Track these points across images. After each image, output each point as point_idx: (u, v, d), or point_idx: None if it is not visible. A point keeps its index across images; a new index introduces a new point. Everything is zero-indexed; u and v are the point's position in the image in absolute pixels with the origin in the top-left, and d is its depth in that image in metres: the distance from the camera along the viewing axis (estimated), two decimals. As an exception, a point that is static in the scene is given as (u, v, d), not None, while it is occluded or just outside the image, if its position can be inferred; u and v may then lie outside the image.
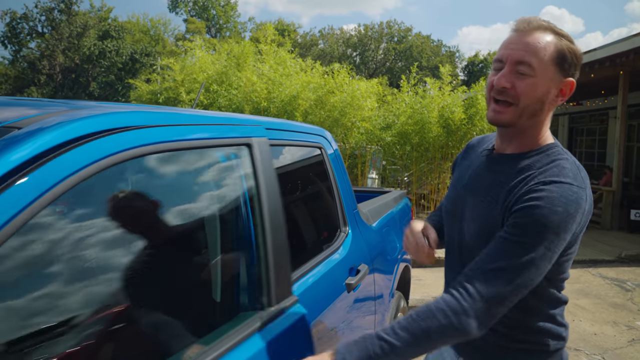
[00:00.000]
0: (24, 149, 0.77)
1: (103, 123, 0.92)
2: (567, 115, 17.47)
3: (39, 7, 27.21)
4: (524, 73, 1.07)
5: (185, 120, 1.18)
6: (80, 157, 0.85)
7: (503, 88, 1.09)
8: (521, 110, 1.09)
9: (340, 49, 39.46)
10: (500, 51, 1.14)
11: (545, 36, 1.09)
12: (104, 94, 29.05)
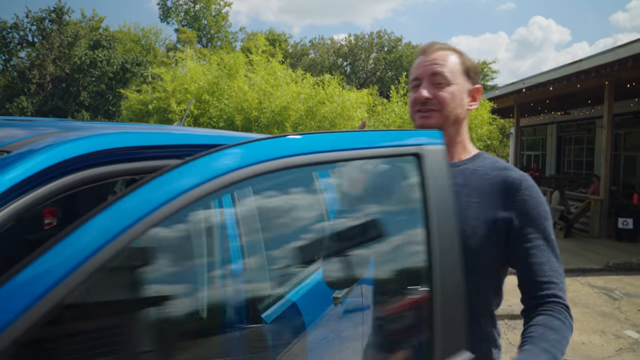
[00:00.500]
0: (12, 172, 0.79)
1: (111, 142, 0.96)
2: (556, 124, 17.70)
3: (30, 17, 27.12)
4: (441, 82, 1.23)
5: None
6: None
7: (426, 99, 1.23)
8: (445, 115, 1.23)
9: (330, 58, 39.74)
10: (414, 72, 1.29)
11: (447, 53, 1.27)
12: (95, 104, 28.92)
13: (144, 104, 11.08)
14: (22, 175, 0.80)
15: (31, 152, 0.84)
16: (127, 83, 28.01)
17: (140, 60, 28.76)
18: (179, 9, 40.17)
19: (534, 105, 14.25)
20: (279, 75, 10.21)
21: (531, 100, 13.25)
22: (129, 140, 1.05)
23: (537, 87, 11.51)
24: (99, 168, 0.97)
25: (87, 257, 0.59)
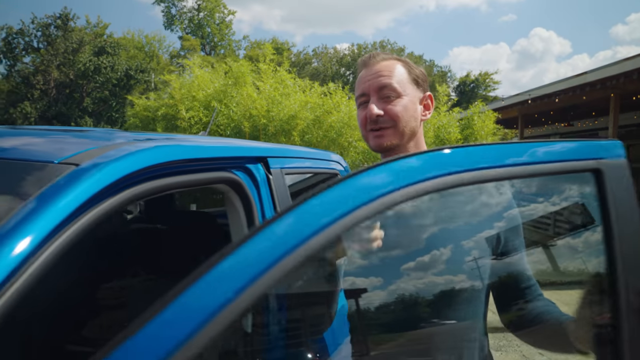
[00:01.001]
0: (86, 184, 0.79)
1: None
2: (558, 136, 17.75)
3: (36, 23, 27.30)
4: (390, 95, 1.14)
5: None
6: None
7: (377, 116, 1.14)
8: (401, 130, 1.14)
9: (333, 67, 39.93)
10: (359, 88, 1.19)
11: (392, 63, 1.18)
12: (98, 110, 29.00)
13: (151, 110, 11.11)
14: (96, 187, 0.80)
15: (100, 164, 0.84)
16: (131, 90, 28.10)
17: (144, 67, 28.88)
18: (183, 16, 40.43)
19: (538, 116, 14.30)
20: (287, 83, 10.27)
21: (535, 111, 13.31)
22: (187, 152, 1.06)
23: (542, 99, 11.56)
24: (159, 180, 0.98)
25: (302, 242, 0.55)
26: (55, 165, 0.83)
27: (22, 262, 0.64)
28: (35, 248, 0.66)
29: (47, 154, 0.87)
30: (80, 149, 0.93)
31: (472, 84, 36.45)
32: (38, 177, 0.79)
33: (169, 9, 40.36)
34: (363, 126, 1.19)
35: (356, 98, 1.22)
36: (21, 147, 0.94)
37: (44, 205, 0.71)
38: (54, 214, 0.70)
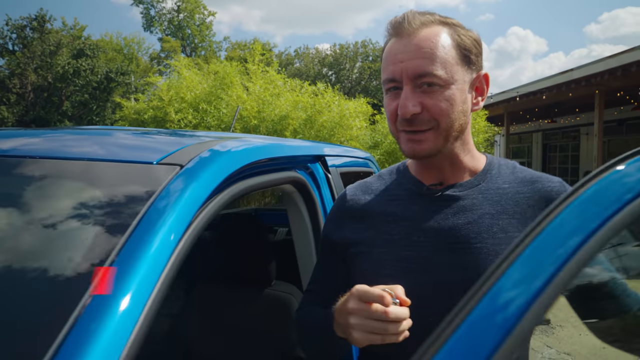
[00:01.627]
0: (201, 183, 0.76)
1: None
2: (541, 132, 18.10)
3: (10, 25, 26.57)
4: (432, 85, 0.83)
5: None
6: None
7: (413, 116, 0.84)
8: (445, 132, 0.86)
9: (315, 68, 39.94)
10: (387, 68, 0.87)
11: (437, 32, 0.86)
12: (78, 114, 28.39)
13: (139, 113, 10.92)
14: (208, 187, 0.77)
15: (206, 163, 0.81)
16: (111, 92, 27.60)
17: (125, 70, 28.40)
18: (163, 18, 39.90)
19: (523, 113, 14.56)
20: (277, 84, 10.22)
21: (521, 108, 13.54)
22: (267, 152, 1.03)
23: (528, 96, 11.77)
24: (246, 181, 0.95)
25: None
26: (155, 166, 0.80)
27: (166, 264, 0.61)
28: (174, 249, 0.63)
29: (143, 155, 0.84)
30: (167, 149, 0.90)
31: (454, 82, 36.78)
32: (146, 178, 0.76)
33: (147, 10, 39.77)
34: (392, 121, 0.90)
35: (383, 81, 0.90)
36: (111, 148, 0.90)
37: (174, 206, 0.68)
38: (183, 214, 0.67)
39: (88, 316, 0.54)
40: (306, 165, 1.28)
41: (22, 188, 0.78)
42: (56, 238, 0.68)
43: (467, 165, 0.94)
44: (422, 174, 0.96)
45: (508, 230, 0.86)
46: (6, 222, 0.72)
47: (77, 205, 0.72)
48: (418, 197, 0.93)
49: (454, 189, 0.92)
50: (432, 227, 0.89)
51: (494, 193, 0.90)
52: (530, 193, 0.90)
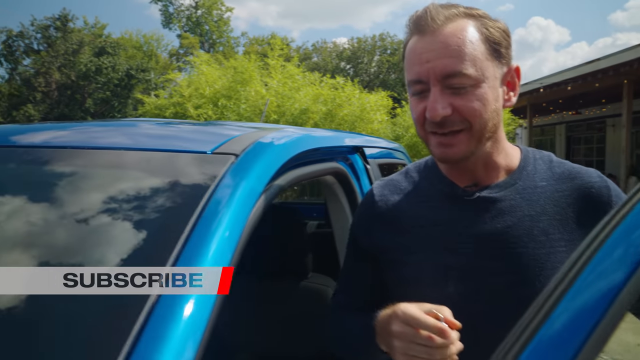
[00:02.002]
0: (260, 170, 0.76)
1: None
2: (565, 124, 17.72)
3: (35, 25, 27.15)
4: (462, 86, 0.78)
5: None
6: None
7: (443, 118, 0.79)
8: (478, 134, 0.81)
9: (333, 62, 39.83)
10: (413, 69, 0.82)
11: (463, 26, 0.80)
12: (100, 110, 28.92)
13: (161, 109, 11.06)
14: (265, 176, 0.77)
15: (260, 153, 0.82)
16: (132, 89, 28.01)
17: (145, 67, 28.78)
18: (181, 14, 40.24)
19: (546, 105, 14.26)
20: (296, 78, 10.23)
21: (544, 100, 13.27)
22: (315, 142, 1.03)
23: (552, 87, 11.52)
24: (295, 170, 0.95)
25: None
26: (210, 155, 0.81)
27: (231, 258, 0.61)
28: (237, 242, 0.63)
29: (196, 145, 0.85)
30: (218, 139, 0.90)
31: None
32: (202, 167, 0.77)
33: (166, 7, 40.15)
34: (420, 125, 0.84)
35: (407, 82, 0.84)
36: (164, 139, 0.91)
37: (233, 197, 0.68)
38: (242, 205, 0.68)
39: (158, 317, 0.54)
40: (346, 157, 1.28)
41: (79, 180, 0.80)
42: (117, 230, 0.69)
43: (501, 164, 0.88)
44: (454, 173, 0.90)
45: (549, 232, 0.82)
46: (65, 215, 0.74)
47: (136, 196, 0.73)
48: (452, 199, 0.88)
49: (490, 190, 0.86)
50: (470, 233, 0.84)
51: (531, 192, 0.85)
52: (569, 191, 0.84)
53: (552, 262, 0.80)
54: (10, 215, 0.73)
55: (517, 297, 0.77)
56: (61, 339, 0.57)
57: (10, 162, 0.84)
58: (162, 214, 0.68)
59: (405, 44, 0.86)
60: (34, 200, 0.78)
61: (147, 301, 0.56)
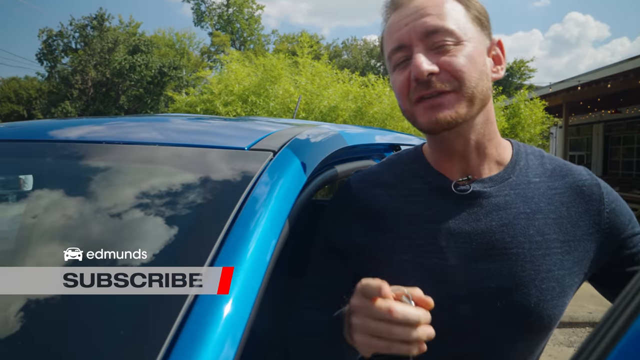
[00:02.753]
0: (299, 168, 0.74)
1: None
2: (602, 124, 17.09)
3: (73, 25, 28.11)
4: (447, 42, 0.73)
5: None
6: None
7: (429, 75, 0.72)
8: (468, 95, 0.74)
9: (364, 59, 39.62)
10: (392, 38, 0.77)
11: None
12: (133, 107, 29.68)
13: (191, 105, 11.24)
14: (305, 173, 0.75)
15: (298, 150, 0.80)
16: (165, 87, 28.63)
17: (177, 64, 29.35)
18: (213, 12, 40.81)
19: (583, 103, 13.77)
20: (324, 75, 10.21)
21: (581, 98, 12.80)
22: (352, 139, 1.01)
23: (590, 85, 11.11)
24: (332, 168, 0.93)
25: None
26: (248, 151, 0.79)
27: (269, 259, 0.59)
28: (279, 236, 0.61)
29: (233, 141, 0.83)
30: (254, 135, 0.89)
31: (507, 72, 35.35)
32: (240, 163, 0.75)
33: (198, 6, 40.80)
34: (404, 96, 0.77)
35: (388, 56, 0.79)
36: (201, 134, 0.90)
37: (272, 194, 0.66)
38: (282, 203, 0.66)
39: (197, 317, 0.53)
40: (382, 154, 1.25)
41: (114, 175, 0.80)
42: (155, 228, 0.68)
43: (494, 154, 0.81)
44: (443, 164, 0.82)
45: (545, 232, 0.76)
46: (103, 211, 0.73)
47: (172, 192, 0.72)
48: (443, 193, 0.79)
49: (483, 184, 0.79)
50: (463, 231, 0.76)
51: (525, 188, 0.79)
52: (562, 189, 0.79)
53: (547, 265, 0.74)
54: (54, 210, 0.73)
55: (508, 304, 0.73)
56: (95, 340, 0.56)
57: (65, 157, 0.85)
58: (199, 211, 0.67)
59: (384, 27, 0.82)
60: (71, 194, 0.78)
61: (185, 301, 0.55)
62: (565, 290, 0.75)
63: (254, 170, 0.71)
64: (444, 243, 0.75)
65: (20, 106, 31.98)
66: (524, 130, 9.43)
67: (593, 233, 0.77)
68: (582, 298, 5.25)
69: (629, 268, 0.79)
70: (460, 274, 0.74)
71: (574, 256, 0.76)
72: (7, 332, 0.57)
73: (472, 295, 0.74)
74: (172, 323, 0.52)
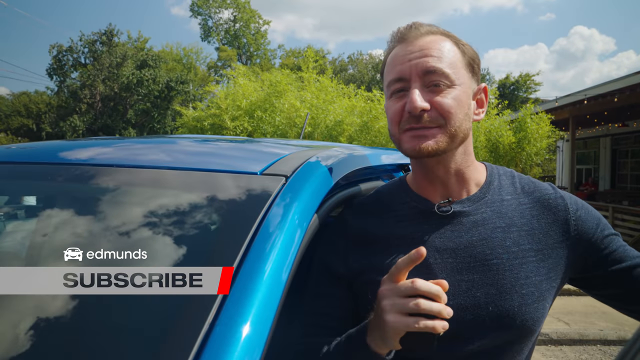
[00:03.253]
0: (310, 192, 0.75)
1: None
2: (610, 137, 17.01)
3: (83, 40, 28.56)
4: (440, 84, 0.84)
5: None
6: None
7: (422, 111, 0.82)
8: (452, 133, 0.84)
9: (369, 73, 39.86)
10: (394, 70, 0.87)
11: (439, 39, 0.88)
12: (141, 121, 29.95)
13: (199, 120, 11.33)
14: (317, 198, 0.76)
15: (310, 175, 0.80)
16: (172, 101, 28.90)
17: (184, 79, 29.66)
18: (220, 28, 41.36)
19: (590, 117, 13.74)
20: (329, 90, 10.27)
21: (588, 112, 12.78)
22: (363, 161, 1.01)
23: (597, 98, 11.09)
24: (344, 190, 0.93)
25: None
26: (260, 176, 0.80)
27: (285, 282, 0.60)
28: (292, 265, 0.62)
29: (245, 165, 0.84)
30: (266, 159, 0.90)
31: (512, 86, 35.53)
32: (252, 188, 0.76)
33: (205, 21, 41.38)
34: (396, 123, 0.87)
35: (387, 84, 0.89)
36: (208, 157, 0.91)
37: (286, 219, 0.67)
38: (295, 227, 0.67)
39: (217, 338, 0.53)
40: (392, 175, 1.25)
41: (129, 199, 0.81)
42: (172, 252, 0.69)
43: (471, 177, 0.91)
44: (426, 190, 0.92)
45: (520, 243, 0.85)
46: (118, 235, 0.74)
47: (186, 217, 0.73)
48: (427, 216, 0.89)
49: (462, 205, 0.89)
50: (447, 247, 0.85)
51: (499, 205, 0.89)
52: (531, 203, 0.89)
53: (525, 272, 0.83)
54: (73, 233, 0.74)
55: (494, 310, 0.81)
56: (126, 341, 0.57)
57: (77, 180, 0.86)
58: (215, 236, 0.68)
59: (387, 54, 0.92)
60: (82, 214, 0.79)
61: (215, 302, 0.56)
62: (543, 294, 0.83)
63: (267, 196, 0.72)
64: (431, 260, 0.84)
65: (30, 120, 32.39)
66: (530, 144, 9.40)
67: (564, 240, 0.86)
68: (593, 315, 5.18)
69: (608, 268, 0.86)
70: (449, 286, 0.79)
71: (549, 263, 0.85)
72: (37, 334, 0.58)
73: (461, 305, 0.82)
74: (192, 345, 0.52)
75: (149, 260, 0.67)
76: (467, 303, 0.82)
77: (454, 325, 0.77)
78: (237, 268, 0.60)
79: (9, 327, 0.60)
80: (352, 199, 0.95)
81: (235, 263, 0.61)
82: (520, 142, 9.49)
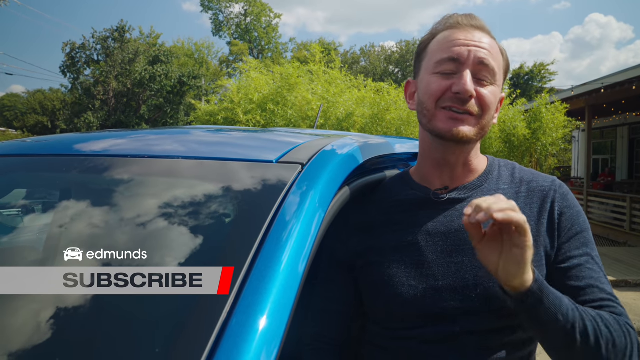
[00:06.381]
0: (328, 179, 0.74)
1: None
2: (627, 126, 16.68)
3: (95, 37, 28.77)
4: (486, 79, 0.87)
5: None
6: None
7: (469, 97, 0.85)
8: (482, 125, 0.88)
9: (382, 65, 39.59)
10: (449, 49, 0.88)
11: (493, 40, 0.91)
12: (154, 117, 30.18)
13: (212, 114, 11.37)
14: (334, 186, 0.75)
15: (326, 163, 0.79)
16: (184, 96, 29.03)
17: (196, 74, 29.76)
18: (231, 22, 41.38)
19: (607, 106, 13.47)
20: (338, 82, 10.22)
21: (605, 101, 12.52)
22: (379, 149, 1.00)
23: (614, 87, 10.86)
24: (360, 180, 0.92)
25: None
26: (276, 164, 0.79)
27: (302, 273, 0.59)
28: (312, 250, 0.61)
29: (260, 154, 0.84)
30: (282, 147, 0.89)
31: (527, 75, 34.98)
32: (268, 176, 0.75)
33: (216, 16, 41.42)
34: (435, 99, 0.88)
35: (436, 60, 0.89)
36: (227, 146, 0.91)
37: (303, 207, 0.66)
38: (312, 215, 0.66)
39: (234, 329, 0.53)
40: (407, 164, 1.24)
41: (144, 188, 0.80)
42: (188, 241, 0.68)
43: (475, 167, 0.96)
44: (430, 176, 0.96)
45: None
46: (131, 223, 0.74)
47: (203, 206, 0.72)
48: (424, 202, 0.94)
49: (459, 192, 0.94)
50: (439, 231, 0.90)
51: (495, 193, 0.88)
52: (526, 192, 0.92)
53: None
54: (90, 224, 0.74)
55: (483, 292, 0.84)
56: (140, 340, 0.57)
57: (100, 171, 0.86)
58: (232, 225, 0.67)
59: (432, 36, 0.93)
60: (96, 205, 0.79)
61: (227, 301, 0.55)
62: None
63: (283, 184, 0.71)
64: (423, 242, 0.90)
65: (45, 117, 32.87)
66: (545, 134, 9.26)
67: (550, 230, 0.88)
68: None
69: (559, 277, 0.86)
70: (439, 268, 0.88)
71: (540, 250, 0.86)
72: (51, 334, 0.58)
73: (451, 286, 0.86)
74: (209, 337, 0.52)
75: (160, 251, 0.67)
76: (456, 284, 0.86)
77: (444, 305, 0.84)
78: (254, 258, 0.59)
79: (8, 327, 0.60)
80: (367, 187, 0.94)
81: (251, 253, 0.60)
82: (536, 133, 9.35)
